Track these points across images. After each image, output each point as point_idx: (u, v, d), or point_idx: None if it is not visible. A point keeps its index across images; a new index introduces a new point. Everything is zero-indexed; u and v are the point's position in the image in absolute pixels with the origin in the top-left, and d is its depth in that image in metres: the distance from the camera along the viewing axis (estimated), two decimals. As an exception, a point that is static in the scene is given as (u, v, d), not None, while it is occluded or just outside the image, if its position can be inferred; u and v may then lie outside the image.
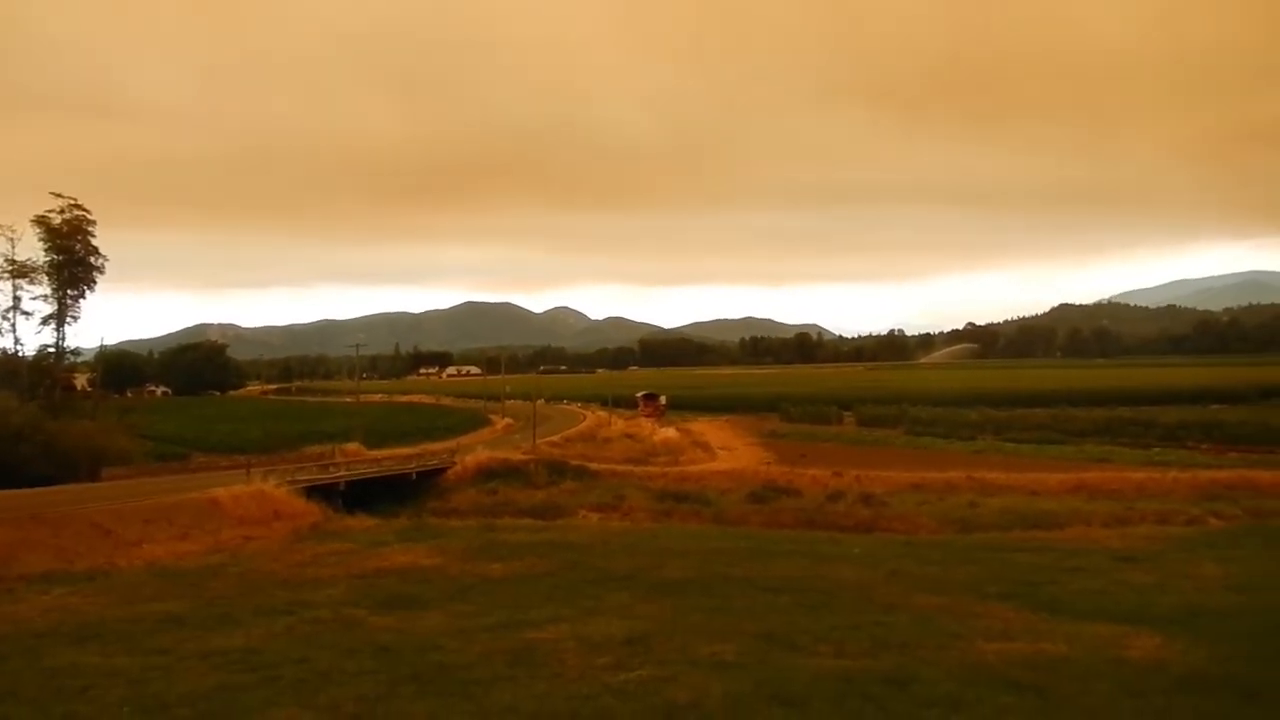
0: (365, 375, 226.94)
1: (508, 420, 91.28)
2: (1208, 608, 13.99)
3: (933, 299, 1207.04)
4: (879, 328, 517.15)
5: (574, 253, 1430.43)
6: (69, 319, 57.38)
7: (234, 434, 75.36)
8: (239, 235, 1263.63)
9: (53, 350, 57.95)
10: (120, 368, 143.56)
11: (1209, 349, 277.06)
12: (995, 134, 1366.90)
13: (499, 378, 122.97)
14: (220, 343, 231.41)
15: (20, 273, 55.68)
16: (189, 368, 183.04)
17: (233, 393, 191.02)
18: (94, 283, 58.32)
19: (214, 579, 19.77)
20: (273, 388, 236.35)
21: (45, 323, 56.98)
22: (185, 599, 16.98)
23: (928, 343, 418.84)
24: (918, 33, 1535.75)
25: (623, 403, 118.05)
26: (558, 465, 51.22)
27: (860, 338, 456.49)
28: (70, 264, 56.67)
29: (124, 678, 10.41)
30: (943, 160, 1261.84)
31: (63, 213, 56.44)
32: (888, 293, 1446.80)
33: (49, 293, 56.62)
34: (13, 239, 54.95)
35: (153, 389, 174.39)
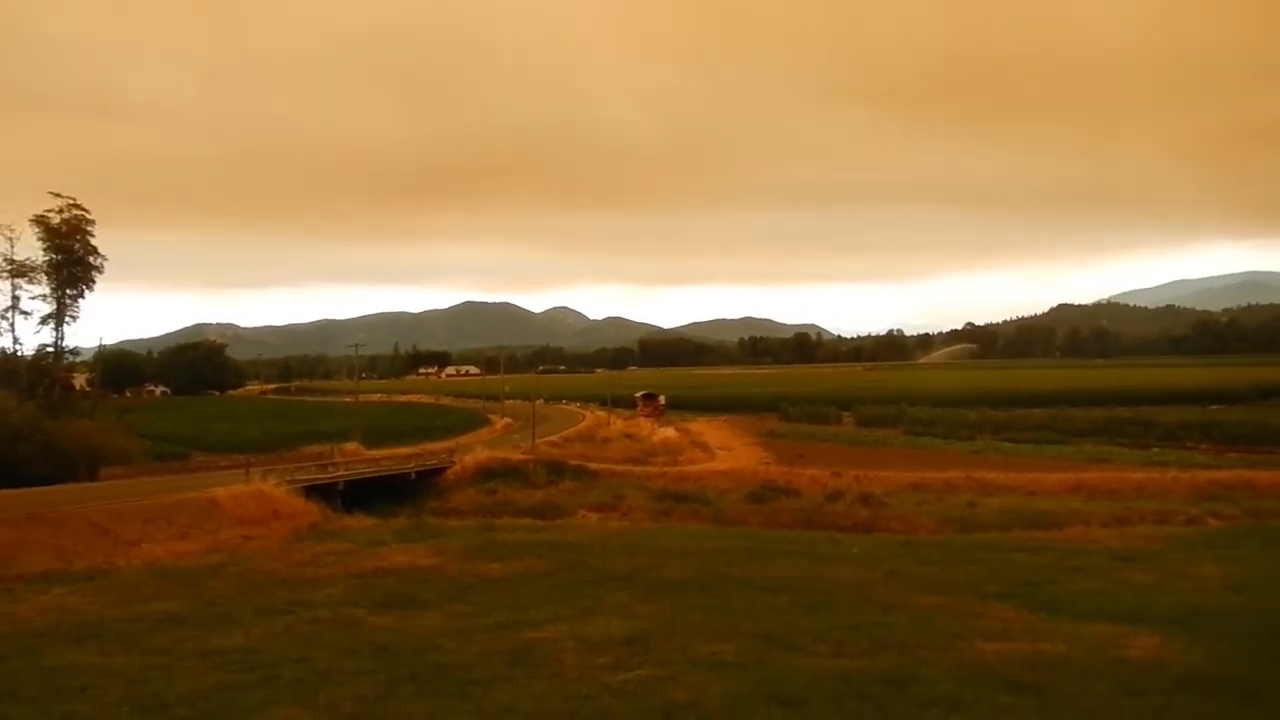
0: (364, 375, 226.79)
1: (507, 420, 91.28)
2: (1207, 608, 13.99)
3: (932, 299, 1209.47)
4: (878, 328, 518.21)
5: (573, 252, 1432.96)
6: (68, 318, 57.47)
7: (233, 433, 75.42)
8: (238, 235, 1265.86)
9: (51, 350, 57.99)
10: (119, 367, 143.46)
11: (1208, 349, 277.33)
12: (995, 134, 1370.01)
13: (498, 377, 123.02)
14: (219, 342, 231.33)
15: (19, 272, 55.78)
16: (188, 367, 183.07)
17: (232, 392, 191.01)
18: (93, 282, 58.41)
19: (213, 578, 19.75)
20: (272, 387, 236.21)
21: (44, 322, 57.06)
22: (184, 598, 16.97)
23: (927, 343, 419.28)
24: (918, 33, 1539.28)
25: (622, 402, 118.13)
26: (557, 465, 51.22)
27: (859, 338, 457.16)
28: (69, 263, 56.71)
29: (123, 677, 10.41)
30: (943, 160, 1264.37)
31: (61, 212, 56.50)
32: (887, 293, 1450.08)
33: (48, 292, 56.71)
34: (11, 238, 55.07)
35: (152, 389, 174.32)
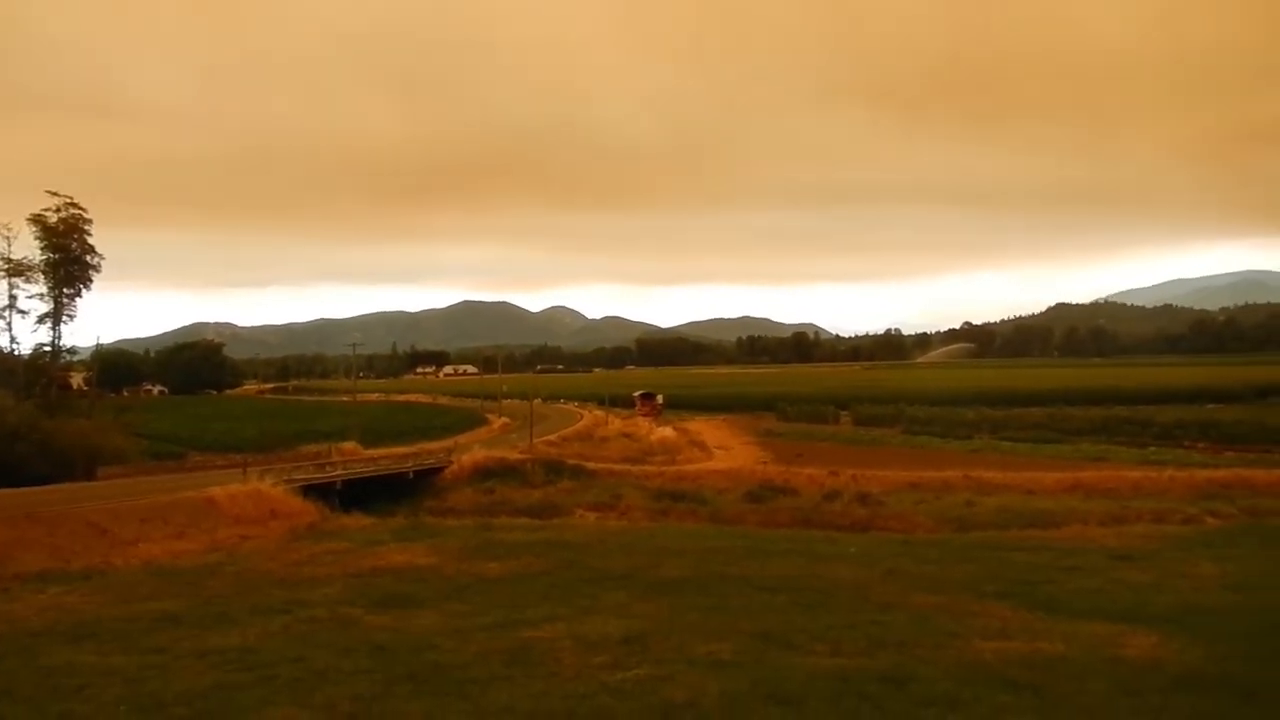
0: (362, 374, 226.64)
1: (505, 419, 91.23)
2: (1204, 606, 14.00)
3: (930, 298, 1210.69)
4: (876, 327, 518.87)
5: (571, 252, 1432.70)
6: (65, 317, 57.52)
7: (230, 433, 75.29)
8: (237, 235, 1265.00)
9: (49, 349, 58.01)
10: (116, 366, 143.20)
11: (1205, 348, 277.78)
12: (995, 134, 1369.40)
13: (496, 377, 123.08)
14: (217, 342, 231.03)
15: (16, 271, 55.81)
16: (185, 367, 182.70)
17: (229, 392, 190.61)
18: (90, 281, 58.45)
19: (210, 578, 19.73)
20: (269, 387, 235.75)
21: (41, 321, 57.12)
22: (182, 598, 16.95)
23: (924, 342, 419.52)
24: (918, 33, 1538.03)
25: (620, 402, 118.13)
26: (555, 464, 51.14)
27: (857, 337, 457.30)
28: (66, 262, 56.71)
29: (120, 676, 10.40)
30: (942, 160, 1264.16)
31: (59, 211, 56.46)
32: (885, 292, 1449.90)
33: (45, 291, 56.75)
34: (9, 237, 55.07)
35: (149, 388, 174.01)
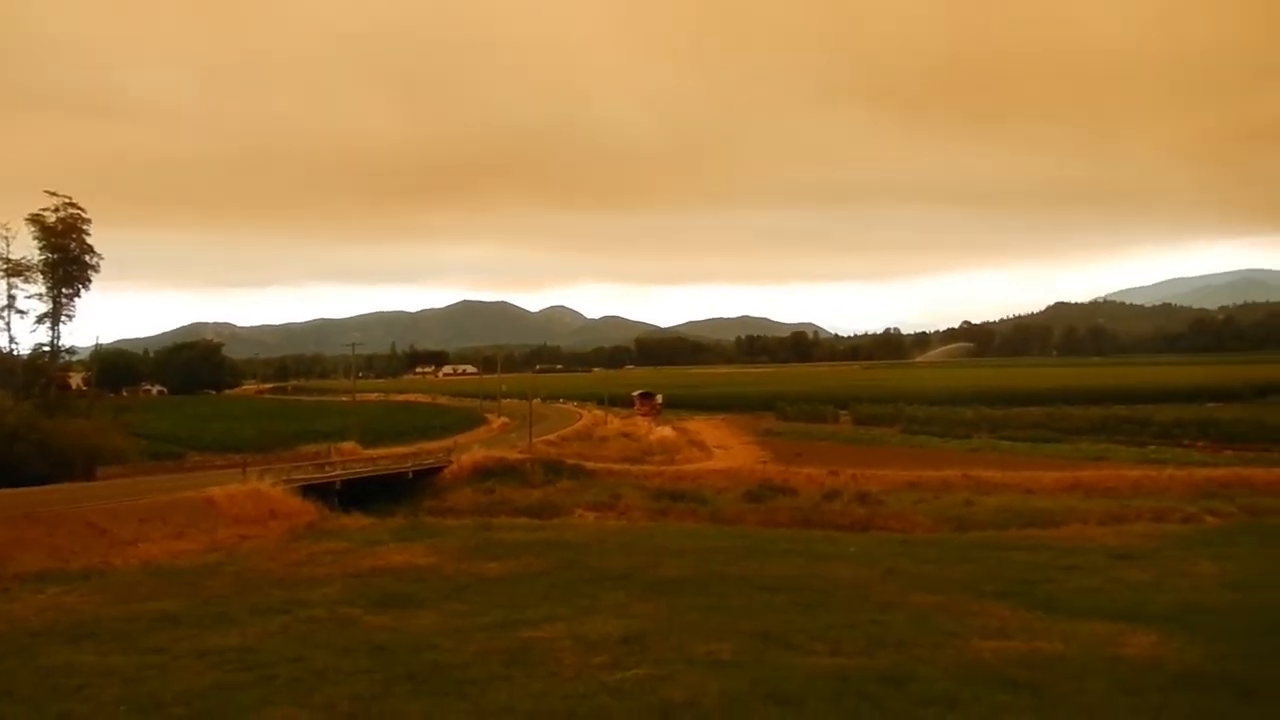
0: (361, 374, 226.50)
1: (504, 419, 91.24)
2: (1204, 605, 14.02)
3: (929, 298, 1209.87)
4: (875, 327, 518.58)
5: (571, 252, 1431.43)
6: (64, 317, 57.43)
7: (229, 433, 75.29)
8: (236, 235, 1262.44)
9: (47, 349, 57.92)
10: (115, 366, 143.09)
11: (1204, 347, 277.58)
12: (995, 134, 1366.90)
13: (495, 377, 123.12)
14: (216, 341, 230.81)
15: (15, 271, 55.73)
16: (184, 367, 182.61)
17: (228, 392, 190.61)
18: (89, 281, 58.36)
19: (210, 578, 19.73)
20: (268, 387, 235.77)
21: (40, 321, 57.03)
22: (181, 598, 16.95)
23: (924, 341, 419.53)
24: (918, 33, 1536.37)
25: (619, 401, 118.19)
26: (554, 464, 51.12)
27: (856, 337, 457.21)
28: (65, 262, 56.64)
29: (119, 676, 10.40)
30: (942, 160, 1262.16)
31: (57, 211, 56.40)
32: (884, 292, 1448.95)
33: (44, 291, 56.68)
34: (8, 237, 55.00)
35: (148, 388, 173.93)
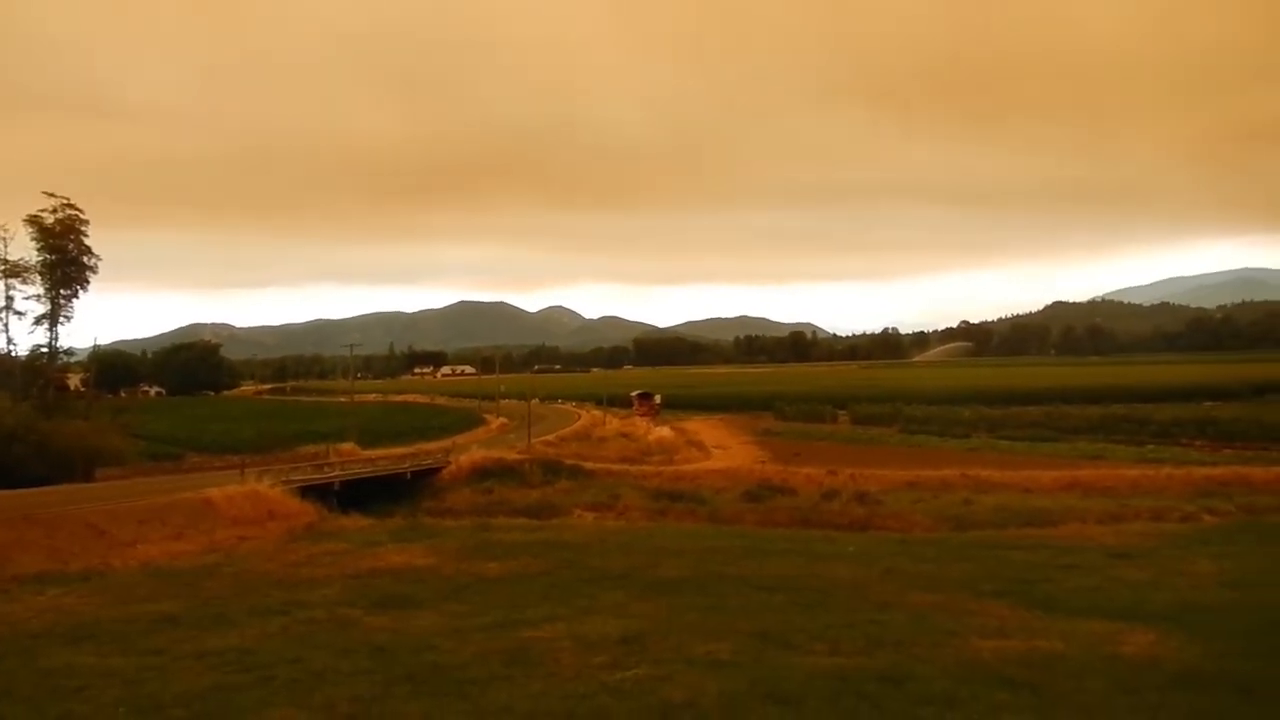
0: (359, 375, 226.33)
1: (502, 420, 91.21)
2: (1202, 604, 14.05)
3: (927, 297, 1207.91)
4: (873, 326, 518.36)
5: (569, 252, 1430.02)
6: (62, 319, 57.24)
7: (228, 434, 75.18)
8: (234, 235, 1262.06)
9: (46, 350, 57.77)
10: (114, 367, 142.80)
11: (1202, 346, 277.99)
12: (994, 134, 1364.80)
13: (494, 377, 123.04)
14: (214, 342, 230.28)
15: (13, 272, 55.60)
16: (183, 367, 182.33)
17: (227, 393, 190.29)
18: (87, 282, 58.18)
19: (208, 579, 19.73)
20: (267, 387, 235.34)
21: (38, 322, 56.85)
22: (180, 599, 16.95)
23: (922, 341, 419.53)
24: (918, 33, 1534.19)
25: (617, 402, 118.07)
26: (553, 464, 51.11)
27: (854, 336, 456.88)
28: (63, 263, 56.49)
29: (119, 678, 10.42)
30: (941, 160, 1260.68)
31: (55, 212, 56.29)
32: (882, 291, 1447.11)
33: (42, 292, 56.52)
34: (5, 238, 54.89)
35: (146, 389, 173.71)
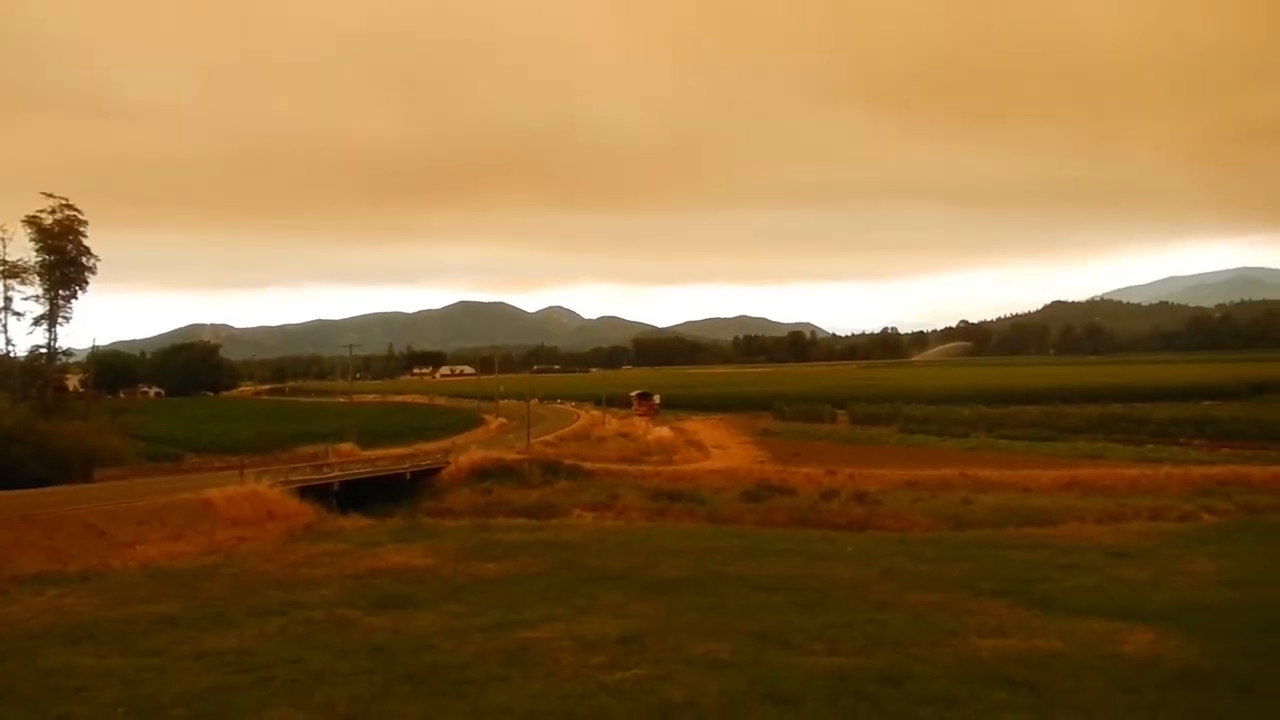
0: (359, 375, 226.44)
1: (502, 420, 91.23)
2: (1201, 603, 14.05)
3: (926, 297, 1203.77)
4: (872, 326, 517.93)
5: (568, 252, 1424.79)
6: (61, 319, 57.18)
7: (227, 434, 75.16)
8: (233, 235, 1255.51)
9: (44, 351, 57.73)
10: (112, 368, 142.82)
11: (1201, 345, 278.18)
12: (994, 134, 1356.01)
13: (493, 377, 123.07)
14: (213, 343, 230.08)
15: (11, 273, 55.55)
16: (182, 368, 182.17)
17: (226, 393, 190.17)
18: (86, 283, 58.12)
19: (208, 580, 19.72)
20: (266, 388, 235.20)
21: (37, 323, 56.78)
22: (179, 600, 16.94)
23: (921, 341, 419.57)
24: (918, 33, 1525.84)
25: (616, 402, 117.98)
26: (552, 465, 51.11)
27: (854, 336, 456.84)
28: (62, 264, 56.44)
29: (118, 678, 10.42)
30: (941, 159, 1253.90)
31: (54, 213, 56.24)
32: (881, 291, 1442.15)
33: (40, 293, 56.47)
34: (4, 239, 54.84)
35: (145, 389, 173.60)
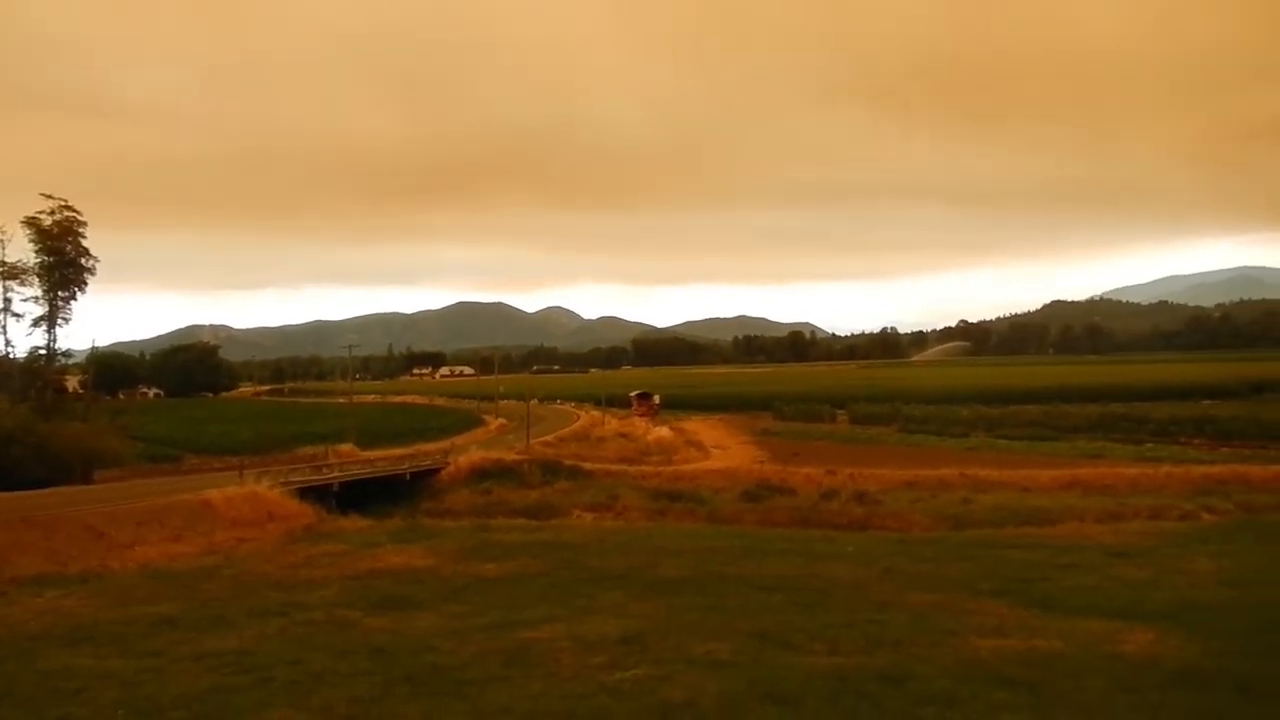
0: (358, 376, 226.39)
1: (501, 420, 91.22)
2: (1201, 603, 14.05)
3: (926, 297, 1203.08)
4: (872, 326, 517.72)
5: (568, 252, 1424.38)
6: (60, 321, 57.15)
7: (226, 435, 75.13)
8: (233, 236, 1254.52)
9: (43, 352, 57.70)
10: (112, 369, 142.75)
11: (1201, 345, 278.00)
12: (993, 133, 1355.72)
13: (492, 378, 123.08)
14: (212, 344, 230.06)
15: (10, 274, 55.50)
16: (181, 369, 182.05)
17: (225, 394, 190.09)
18: (85, 284, 58.07)
19: (207, 581, 19.71)
20: (265, 389, 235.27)
21: (36, 324, 56.73)
22: (178, 601, 16.94)
23: (920, 340, 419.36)
24: (918, 33, 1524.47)
25: (616, 402, 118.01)
26: (551, 465, 51.10)
27: (853, 336, 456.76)
28: (61, 265, 56.41)
29: (118, 680, 10.42)
30: (941, 159, 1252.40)
31: (53, 214, 56.22)
32: (881, 291, 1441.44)
33: (40, 294, 56.42)
34: (3, 240, 54.80)
35: (144, 390, 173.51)
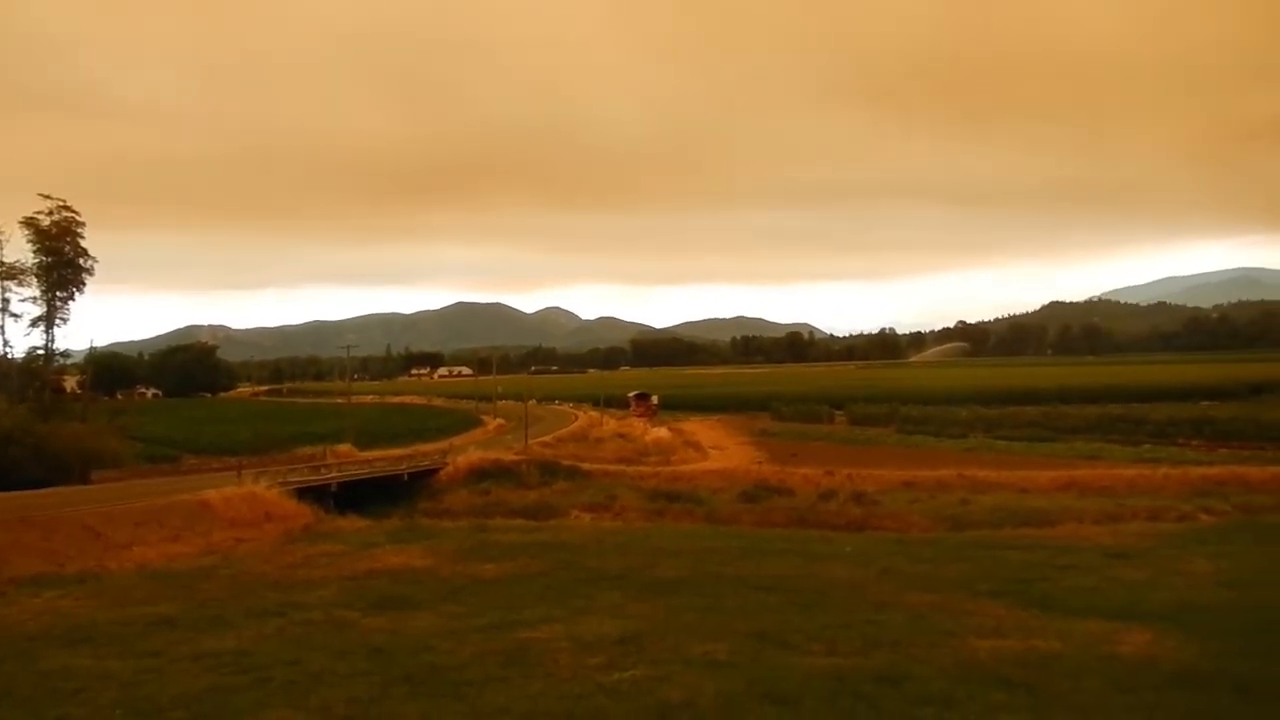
0: (356, 376, 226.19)
1: (500, 421, 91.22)
2: (1199, 604, 14.05)
3: (925, 297, 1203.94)
4: (870, 326, 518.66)
5: (567, 252, 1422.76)
6: (58, 321, 57.25)
7: (224, 435, 75.14)
8: (231, 236, 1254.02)
9: (42, 352, 57.74)
10: (110, 369, 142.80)
11: (1199, 346, 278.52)
12: (993, 133, 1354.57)
13: (491, 378, 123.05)
14: (211, 344, 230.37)
15: (9, 274, 55.59)
16: (179, 369, 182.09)
17: (223, 394, 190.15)
18: (83, 284, 58.19)
19: (205, 581, 19.69)
20: (264, 389, 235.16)
21: (34, 325, 56.86)
22: (177, 601, 16.92)
23: (919, 341, 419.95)
24: (917, 33, 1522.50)
25: (614, 402, 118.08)
26: (550, 465, 51.14)
27: (851, 336, 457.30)
28: (59, 266, 56.47)
29: (116, 680, 10.41)
30: (940, 159, 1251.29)
31: (51, 214, 56.25)
32: (879, 291, 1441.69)
33: (38, 294, 56.50)
34: (1, 241, 54.84)
35: (143, 391, 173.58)
